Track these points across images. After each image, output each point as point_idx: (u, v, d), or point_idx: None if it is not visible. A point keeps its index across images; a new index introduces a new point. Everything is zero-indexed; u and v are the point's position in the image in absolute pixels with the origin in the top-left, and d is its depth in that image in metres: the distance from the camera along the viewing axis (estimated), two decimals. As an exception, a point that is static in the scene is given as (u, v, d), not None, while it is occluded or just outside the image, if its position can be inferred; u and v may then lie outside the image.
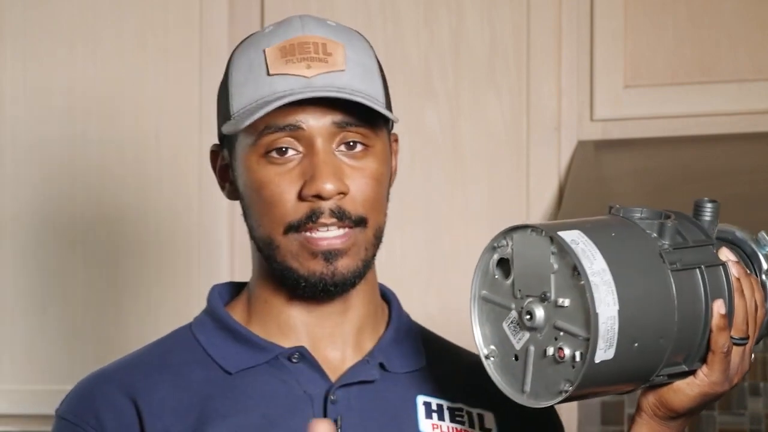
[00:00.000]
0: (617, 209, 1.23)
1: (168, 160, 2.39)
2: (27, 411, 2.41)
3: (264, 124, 1.30)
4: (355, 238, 1.31)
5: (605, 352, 1.13)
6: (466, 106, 2.35)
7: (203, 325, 1.38)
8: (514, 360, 1.20)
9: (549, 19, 2.33)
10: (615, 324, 1.13)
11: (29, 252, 2.42)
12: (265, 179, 1.31)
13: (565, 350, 1.15)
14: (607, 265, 1.14)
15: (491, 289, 1.22)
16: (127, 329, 2.37)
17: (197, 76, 2.39)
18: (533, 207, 2.32)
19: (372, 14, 2.38)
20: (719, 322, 1.21)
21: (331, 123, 1.30)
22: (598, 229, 1.18)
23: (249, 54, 1.34)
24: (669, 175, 2.25)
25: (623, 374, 1.17)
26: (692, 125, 2.29)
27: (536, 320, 1.17)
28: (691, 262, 1.20)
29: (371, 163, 1.32)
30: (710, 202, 1.27)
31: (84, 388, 1.35)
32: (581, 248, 1.14)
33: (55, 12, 2.43)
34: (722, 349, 1.21)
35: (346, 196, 1.30)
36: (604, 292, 1.12)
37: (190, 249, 2.38)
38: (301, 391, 1.32)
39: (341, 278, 1.31)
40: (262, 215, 1.32)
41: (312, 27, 1.34)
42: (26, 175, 2.42)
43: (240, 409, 1.31)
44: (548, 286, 1.16)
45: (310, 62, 1.31)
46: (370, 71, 1.34)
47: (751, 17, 2.27)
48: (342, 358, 1.36)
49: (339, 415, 1.31)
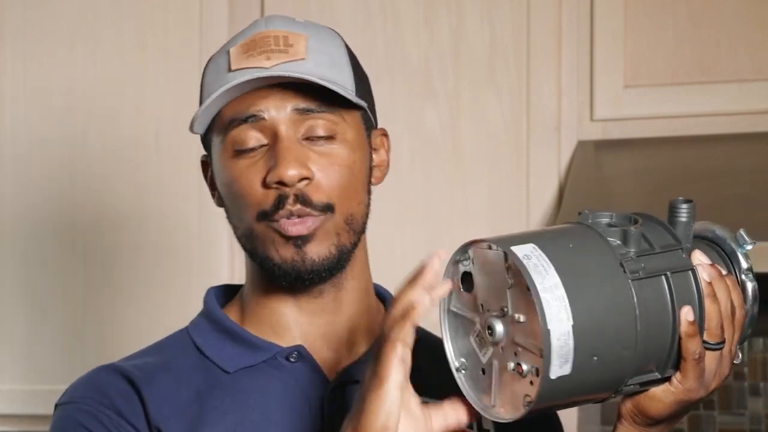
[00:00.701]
0: (585, 215, 1.21)
1: (168, 160, 2.39)
2: (27, 411, 2.41)
3: (229, 118, 1.32)
4: (321, 223, 1.31)
5: (561, 367, 1.11)
6: (466, 106, 2.35)
7: (200, 327, 1.38)
8: (481, 373, 1.19)
9: (549, 19, 2.33)
10: (569, 339, 1.11)
11: (29, 252, 2.42)
12: (235, 174, 1.32)
13: (523, 366, 1.13)
14: (560, 279, 1.11)
15: (458, 301, 1.21)
16: (127, 329, 2.37)
17: (197, 76, 2.36)
18: (533, 207, 2.32)
19: (372, 14, 2.38)
20: (687, 329, 1.18)
21: (292, 110, 1.31)
22: (555, 240, 1.16)
23: (216, 58, 1.36)
24: (669, 175, 2.25)
25: (586, 386, 1.15)
26: (692, 125, 2.29)
27: (496, 335, 1.15)
28: (656, 269, 1.17)
29: (339, 150, 1.32)
30: (685, 202, 1.23)
31: (89, 377, 1.34)
32: (533, 263, 1.12)
33: (55, 12, 2.43)
34: (693, 356, 1.19)
35: (311, 183, 1.30)
36: (556, 308, 1.10)
37: (190, 250, 2.38)
38: (299, 390, 1.32)
39: (311, 264, 1.30)
40: (238, 209, 1.34)
41: (276, 23, 1.34)
42: (26, 175, 2.42)
43: (239, 407, 1.31)
44: (506, 301, 1.14)
45: (269, 54, 1.31)
46: (336, 60, 1.34)
47: (751, 17, 2.27)
48: (337, 358, 1.36)
49: (335, 414, 1.30)
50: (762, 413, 2.54)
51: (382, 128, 1.41)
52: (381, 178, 1.40)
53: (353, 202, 1.34)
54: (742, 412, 2.54)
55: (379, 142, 1.40)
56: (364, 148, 1.36)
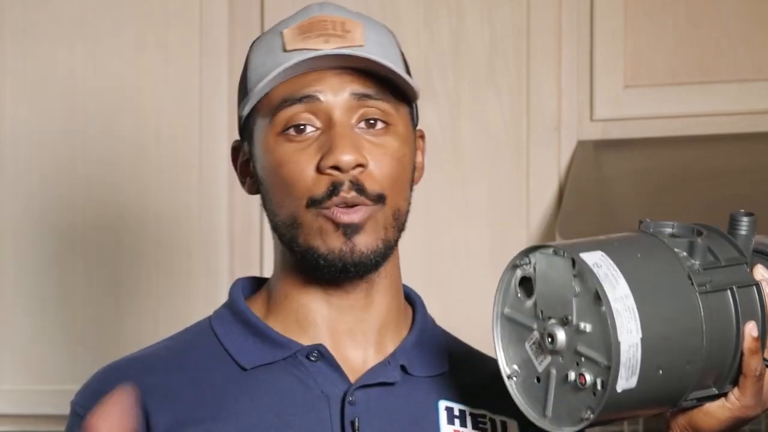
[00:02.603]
0: (647, 224, 1.18)
1: (168, 160, 2.39)
2: (27, 411, 2.41)
3: (281, 98, 1.28)
4: (373, 213, 1.27)
5: (627, 381, 1.08)
6: (466, 106, 2.35)
7: (222, 318, 1.35)
8: (536, 382, 1.15)
9: (549, 19, 2.33)
10: (638, 352, 1.08)
11: (29, 252, 2.42)
12: (284, 157, 1.28)
13: (586, 376, 1.10)
14: (630, 290, 1.09)
15: (513, 307, 1.17)
16: (127, 329, 2.37)
17: (197, 76, 2.39)
18: (533, 207, 2.31)
19: (372, 14, 2.35)
20: (751, 345, 1.16)
21: (349, 95, 1.27)
22: (623, 249, 1.13)
23: (267, 39, 1.32)
24: (669, 175, 2.25)
25: (648, 401, 1.12)
26: (692, 125, 2.29)
27: (558, 344, 1.12)
28: (722, 283, 1.15)
29: (392, 141, 1.29)
30: (746, 215, 1.20)
31: (98, 381, 1.33)
32: (603, 272, 1.09)
33: (55, 12, 2.43)
34: (755, 372, 1.17)
35: (365, 171, 1.27)
36: (627, 319, 1.08)
37: (190, 249, 2.38)
38: (318, 391, 1.29)
39: (359, 256, 1.27)
40: (283, 195, 1.29)
41: (331, 9, 1.32)
42: (26, 174, 2.42)
43: (254, 407, 1.28)
44: (570, 309, 1.11)
45: (327, 37, 1.28)
46: (390, 53, 1.31)
47: (751, 17, 2.27)
48: (363, 358, 1.32)
49: (356, 416, 1.28)
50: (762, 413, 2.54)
51: (421, 130, 1.38)
52: (418, 179, 1.37)
53: (401, 197, 1.31)
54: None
55: (418, 143, 1.38)
56: (411, 144, 1.34)
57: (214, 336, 1.34)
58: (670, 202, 2.17)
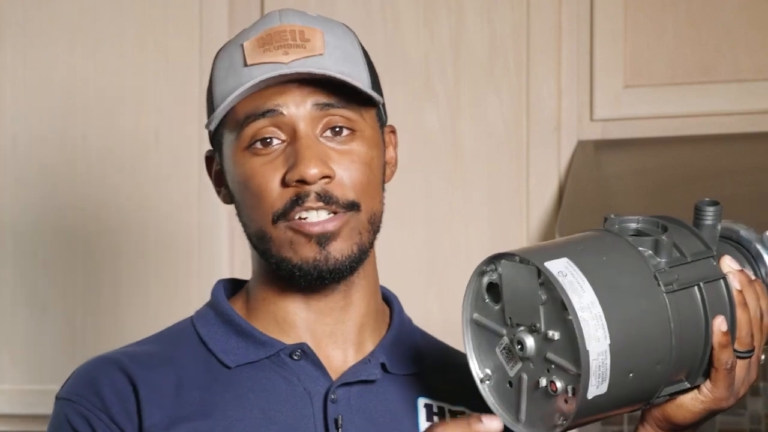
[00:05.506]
0: (612, 220, 1.18)
1: (168, 160, 2.39)
2: (27, 411, 2.41)
3: (244, 114, 1.29)
4: (347, 220, 1.28)
5: (598, 387, 1.08)
6: (466, 106, 2.35)
7: (205, 317, 1.37)
8: (508, 386, 1.15)
9: (549, 19, 2.33)
10: (607, 359, 1.08)
11: (29, 252, 2.42)
12: (250, 171, 1.29)
13: (557, 384, 1.10)
14: (596, 296, 1.08)
15: (483, 312, 1.17)
16: (127, 329, 2.37)
17: (197, 76, 2.39)
18: (533, 207, 2.31)
19: (372, 14, 2.38)
20: (721, 339, 1.16)
21: (312, 106, 1.28)
22: (588, 253, 1.12)
23: (229, 51, 1.33)
24: (669, 175, 2.25)
25: (620, 402, 1.13)
26: (692, 125, 2.29)
27: (527, 351, 1.12)
28: (689, 280, 1.14)
29: (359, 147, 1.30)
30: (711, 204, 1.20)
31: (86, 371, 1.34)
32: (569, 280, 1.08)
33: (55, 12, 2.43)
34: (726, 366, 1.18)
35: (333, 181, 1.28)
36: (594, 327, 1.07)
37: (190, 249, 2.38)
38: (301, 389, 1.31)
39: (334, 263, 1.28)
40: (251, 208, 1.31)
41: (290, 17, 1.32)
42: (26, 174, 2.42)
43: (239, 404, 1.30)
44: (538, 317, 1.11)
45: (287, 49, 1.28)
46: (351, 56, 1.32)
47: (751, 17, 2.27)
48: (343, 357, 1.34)
49: (339, 414, 1.30)
50: (762, 413, 2.54)
51: (391, 125, 1.39)
52: (391, 176, 1.38)
53: (375, 201, 1.32)
54: (742, 412, 2.54)
55: (389, 139, 1.38)
56: (379, 145, 1.34)
57: (197, 336, 1.35)
58: (670, 202, 2.17)
